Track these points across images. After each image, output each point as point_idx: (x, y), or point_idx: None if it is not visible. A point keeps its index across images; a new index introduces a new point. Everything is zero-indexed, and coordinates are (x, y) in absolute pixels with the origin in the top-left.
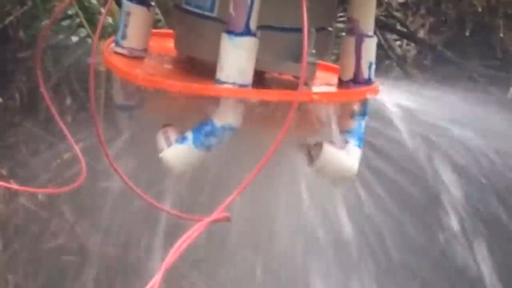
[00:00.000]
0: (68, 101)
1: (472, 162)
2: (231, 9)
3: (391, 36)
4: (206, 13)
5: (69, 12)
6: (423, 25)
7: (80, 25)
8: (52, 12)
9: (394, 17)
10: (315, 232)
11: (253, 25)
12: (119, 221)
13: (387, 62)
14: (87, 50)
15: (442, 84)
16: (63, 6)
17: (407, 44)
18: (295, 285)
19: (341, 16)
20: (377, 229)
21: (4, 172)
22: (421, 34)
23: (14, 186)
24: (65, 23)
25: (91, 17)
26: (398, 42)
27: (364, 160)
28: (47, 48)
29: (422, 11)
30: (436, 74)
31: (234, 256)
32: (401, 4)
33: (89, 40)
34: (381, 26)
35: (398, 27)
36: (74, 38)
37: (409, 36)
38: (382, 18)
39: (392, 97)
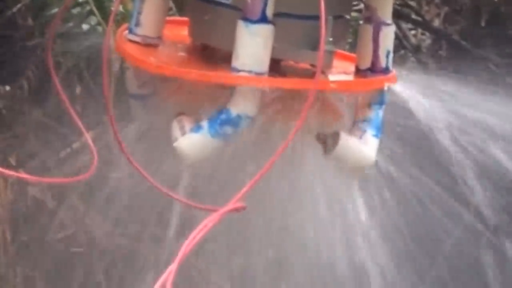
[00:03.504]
0: (78, 89)
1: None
2: None
3: (406, 25)
4: (222, 1)
5: (79, 0)
6: (438, 15)
7: (91, 13)
8: (61, 0)
9: (409, 6)
10: (330, 224)
11: (269, 13)
12: (131, 211)
13: (401, 51)
14: (98, 38)
15: (457, 74)
16: None
17: (422, 34)
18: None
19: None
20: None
21: (13, 161)
22: (436, 23)
23: (25, 175)
24: (75, 10)
25: (101, 5)
26: (412, 32)
27: None
28: (56, 36)
29: (437, 0)
30: (451, 63)
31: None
32: None
33: (99, 28)
34: (396, 15)
35: (413, 16)
36: (85, 26)
37: (424, 26)
38: (397, 6)
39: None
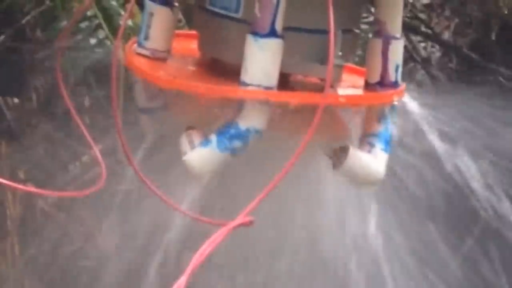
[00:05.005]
0: (87, 103)
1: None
2: (256, 10)
3: (416, 38)
4: (231, 14)
5: (88, 13)
6: (448, 27)
7: (99, 27)
8: (71, 13)
9: (418, 18)
10: (340, 239)
11: (278, 27)
12: (139, 224)
13: (411, 64)
14: (106, 52)
15: (467, 86)
16: (83, 8)
17: (432, 46)
18: None
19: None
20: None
21: (21, 174)
22: (446, 36)
23: (34, 189)
24: (84, 24)
25: (110, 19)
26: (422, 44)
27: None
28: (65, 50)
29: (447, 12)
30: (462, 77)
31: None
32: (426, 5)
33: (108, 42)
34: (406, 27)
35: (423, 28)
36: (93, 40)
37: (434, 38)
38: (406, 19)
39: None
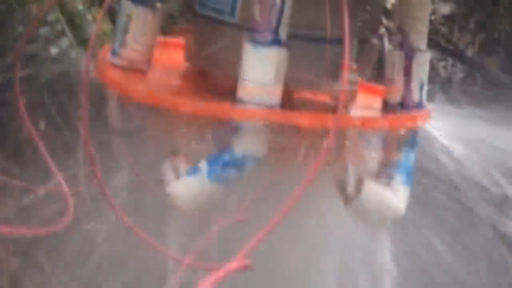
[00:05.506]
0: (43, 125)
1: None
2: (256, 14)
3: (434, 55)
4: (225, 18)
5: (49, 18)
6: (472, 43)
7: (62, 34)
8: (28, 16)
9: (438, 32)
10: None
11: (282, 34)
12: (117, 267)
13: (428, 86)
14: (70, 63)
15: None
16: (44, 12)
17: (453, 65)
18: None
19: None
20: None
21: None
22: (470, 53)
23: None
24: (43, 30)
25: (74, 24)
26: (442, 62)
27: None
28: (22, 61)
29: (471, 25)
30: (488, 101)
31: None
32: (446, 17)
33: (72, 52)
34: None
35: (443, 44)
36: (54, 49)
37: (456, 55)
38: None
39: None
